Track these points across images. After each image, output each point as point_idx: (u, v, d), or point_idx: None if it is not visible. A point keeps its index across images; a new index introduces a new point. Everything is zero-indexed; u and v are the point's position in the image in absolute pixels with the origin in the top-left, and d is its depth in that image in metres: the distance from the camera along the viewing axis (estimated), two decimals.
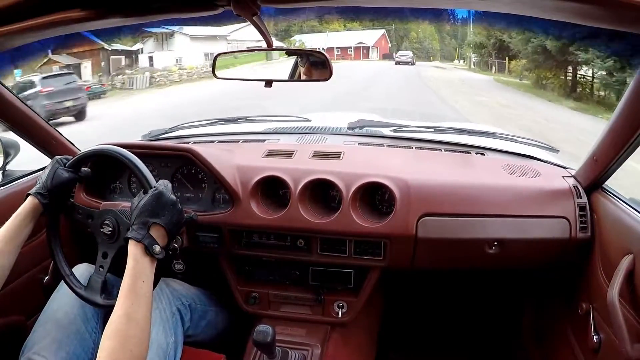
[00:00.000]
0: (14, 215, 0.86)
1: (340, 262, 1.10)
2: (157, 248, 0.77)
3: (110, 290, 0.98)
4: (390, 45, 34.89)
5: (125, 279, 0.73)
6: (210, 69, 1.12)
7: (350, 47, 31.83)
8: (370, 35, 32.33)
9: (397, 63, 23.46)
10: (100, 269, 0.90)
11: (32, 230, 0.88)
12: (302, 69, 1.06)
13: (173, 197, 0.84)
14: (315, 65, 1.05)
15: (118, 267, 0.89)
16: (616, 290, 0.81)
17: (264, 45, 0.83)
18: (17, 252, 0.85)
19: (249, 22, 0.64)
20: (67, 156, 0.96)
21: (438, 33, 39.05)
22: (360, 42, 31.48)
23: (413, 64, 23.77)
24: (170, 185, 0.86)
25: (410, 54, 26.98)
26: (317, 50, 1.04)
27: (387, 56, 32.24)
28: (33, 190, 0.89)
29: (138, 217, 0.79)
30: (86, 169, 0.98)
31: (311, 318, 1.17)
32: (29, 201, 0.88)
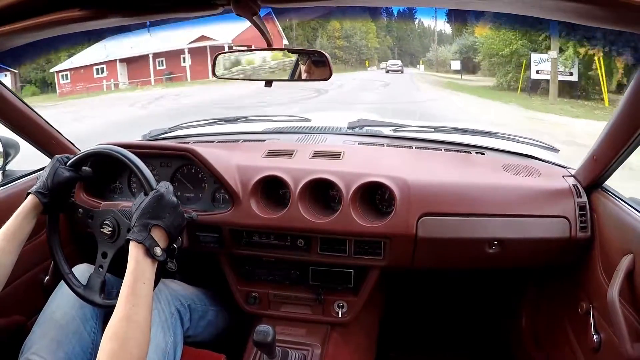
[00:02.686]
0: (14, 214, 0.86)
1: (340, 262, 1.10)
2: (158, 250, 0.77)
3: (109, 290, 0.98)
4: (286, 40, 17.96)
5: (125, 281, 0.73)
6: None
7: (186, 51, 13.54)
8: (234, 25, 14.34)
9: (388, 71, 22.01)
10: (100, 268, 0.90)
11: (33, 229, 0.89)
12: (302, 67, 1.05)
13: (174, 199, 0.84)
14: (316, 64, 1.04)
15: (118, 268, 0.89)
16: (616, 290, 0.81)
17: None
18: (18, 251, 0.85)
19: (249, 22, 0.64)
20: (68, 155, 0.96)
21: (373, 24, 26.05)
22: (202, 38, 14.44)
23: (402, 72, 22.07)
24: (171, 187, 0.86)
25: (399, 62, 23.52)
26: (317, 50, 1.04)
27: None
28: (33, 188, 0.89)
29: (139, 219, 0.79)
30: (87, 168, 0.98)
31: (311, 318, 1.17)
32: (29, 200, 0.88)
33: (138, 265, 0.75)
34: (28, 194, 0.88)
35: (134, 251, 0.76)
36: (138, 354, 0.67)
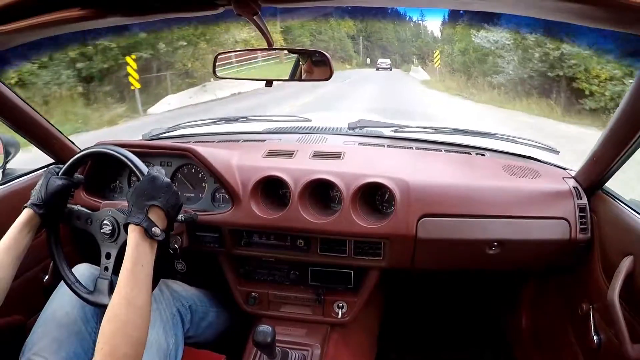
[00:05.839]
0: (11, 228, 0.85)
1: (340, 263, 1.10)
2: (157, 230, 0.76)
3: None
4: None
5: (124, 264, 0.73)
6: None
7: None
8: None
9: (378, 69, 22.68)
10: (105, 270, 0.89)
11: (31, 239, 0.88)
12: (303, 66, 1.05)
13: (167, 180, 0.83)
14: (316, 64, 1.04)
15: (119, 267, 0.89)
16: (616, 291, 0.81)
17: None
18: (16, 264, 0.84)
19: (250, 22, 0.64)
20: (59, 165, 0.96)
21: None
22: None
23: (390, 69, 22.52)
24: (163, 170, 0.85)
25: (388, 60, 24.48)
26: (318, 50, 1.03)
27: None
28: (28, 202, 0.88)
29: (135, 203, 0.78)
30: (79, 175, 0.97)
31: (311, 318, 1.17)
32: (25, 213, 0.87)
33: (137, 248, 0.74)
34: (24, 207, 0.88)
35: (132, 234, 0.75)
36: (137, 337, 0.67)
